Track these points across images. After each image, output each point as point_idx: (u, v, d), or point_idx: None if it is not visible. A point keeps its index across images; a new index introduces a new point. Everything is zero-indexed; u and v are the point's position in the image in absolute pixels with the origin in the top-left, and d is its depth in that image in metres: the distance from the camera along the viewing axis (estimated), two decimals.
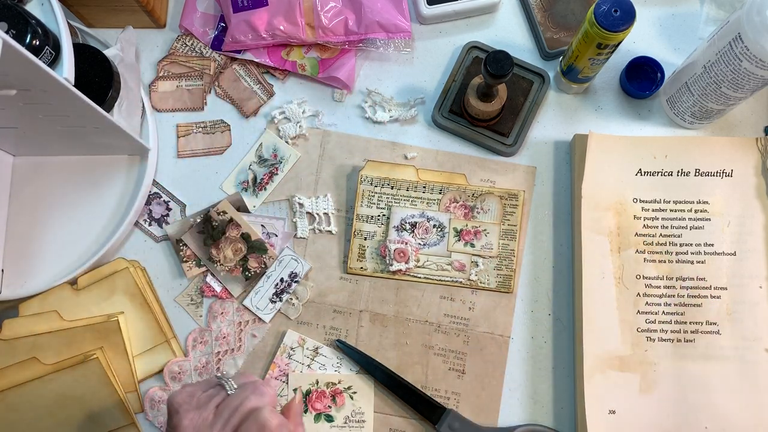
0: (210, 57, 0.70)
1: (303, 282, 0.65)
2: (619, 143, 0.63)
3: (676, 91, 0.63)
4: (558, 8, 0.68)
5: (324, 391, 0.63)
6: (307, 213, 0.66)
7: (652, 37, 0.69)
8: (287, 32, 0.66)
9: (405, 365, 0.64)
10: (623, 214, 0.63)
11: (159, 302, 0.65)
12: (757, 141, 0.63)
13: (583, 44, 0.58)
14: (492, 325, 0.64)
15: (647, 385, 0.59)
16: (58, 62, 0.54)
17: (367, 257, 0.65)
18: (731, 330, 0.60)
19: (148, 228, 0.67)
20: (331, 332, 0.65)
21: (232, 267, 0.65)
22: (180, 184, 0.68)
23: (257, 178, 0.68)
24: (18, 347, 0.61)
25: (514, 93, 0.66)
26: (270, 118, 0.69)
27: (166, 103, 0.69)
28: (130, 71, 0.64)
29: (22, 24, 0.51)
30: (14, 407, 0.60)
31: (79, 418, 0.61)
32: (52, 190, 0.66)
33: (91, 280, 0.64)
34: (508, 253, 0.64)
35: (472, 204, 0.65)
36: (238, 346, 0.64)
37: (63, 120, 0.56)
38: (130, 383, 0.63)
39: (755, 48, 0.51)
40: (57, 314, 0.62)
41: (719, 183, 0.63)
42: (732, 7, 0.68)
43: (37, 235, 0.65)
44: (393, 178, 0.66)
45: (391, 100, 0.69)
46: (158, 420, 0.63)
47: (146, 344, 0.64)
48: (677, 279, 0.61)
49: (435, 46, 0.70)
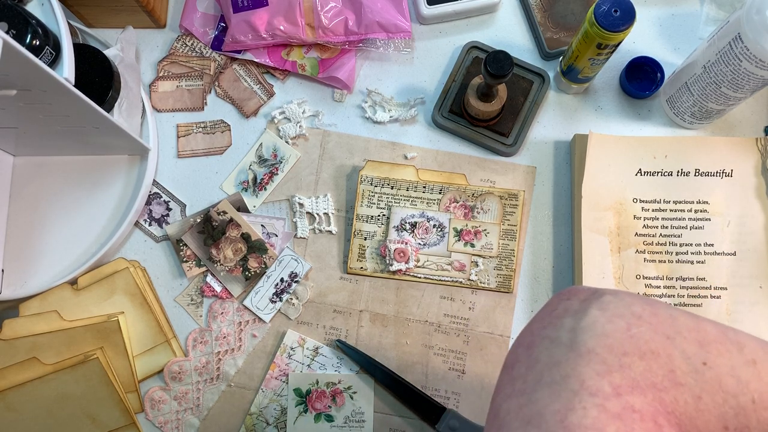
0: (210, 57, 0.70)
1: (303, 282, 0.65)
2: (619, 143, 0.64)
3: (676, 91, 0.63)
4: (558, 8, 0.68)
5: (324, 391, 0.63)
6: (307, 213, 0.66)
7: (652, 37, 0.69)
8: (287, 32, 0.66)
9: (405, 365, 0.64)
10: (623, 214, 0.63)
11: (159, 302, 0.65)
12: (757, 141, 0.63)
13: (583, 44, 0.58)
14: (492, 325, 0.64)
15: None
16: (58, 62, 0.54)
17: (367, 257, 0.65)
18: None
19: (148, 228, 0.67)
20: (331, 332, 0.65)
21: (232, 267, 0.65)
22: (180, 184, 0.68)
23: (257, 178, 0.68)
24: (18, 347, 0.61)
25: (514, 93, 0.66)
26: (270, 118, 0.69)
27: (166, 103, 0.69)
28: (130, 71, 0.64)
29: (22, 24, 0.51)
30: (14, 407, 0.60)
31: (79, 418, 0.61)
32: (52, 190, 0.66)
33: (91, 280, 0.64)
34: (508, 253, 0.65)
35: (472, 204, 0.65)
36: (238, 346, 0.64)
37: (63, 120, 0.56)
38: (130, 383, 0.63)
39: (755, 48, 0.51)
40: (57, 314, 0.62)
41: (719, 183, 0.63)
42: (732, 7, 0.68)
43: (37, 235, 0.65)
44: (393, 178, 0.66)
45: (391, 100, 0.69)
46: (158, 420, 0.63)
47: (146, 344, 0.64)
48: (677, 279, 0.61)
49: (435, 46, 0.70)
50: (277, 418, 0.63)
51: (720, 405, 0.33)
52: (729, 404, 0.33)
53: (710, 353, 0.34)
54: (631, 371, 0.33)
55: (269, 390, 0.63)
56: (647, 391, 0.32)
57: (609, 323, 0.35)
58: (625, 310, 0.35)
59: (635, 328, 0.34)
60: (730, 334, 0.35)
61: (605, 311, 0.35)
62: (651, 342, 0.34)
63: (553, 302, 0.39)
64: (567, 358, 0.34)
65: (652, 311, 0.35)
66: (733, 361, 0.34)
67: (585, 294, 0.38)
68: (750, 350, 0.35)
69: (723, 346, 0.34)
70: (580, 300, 0.37)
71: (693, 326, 0.35)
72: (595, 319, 0.35)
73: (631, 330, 0.34)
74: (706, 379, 0.33)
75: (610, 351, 0.33)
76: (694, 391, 0.33)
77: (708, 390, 0.33)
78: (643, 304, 0.36)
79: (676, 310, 0.36)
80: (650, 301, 0.36)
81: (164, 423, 0.63)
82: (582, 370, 0.33)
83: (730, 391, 0.33)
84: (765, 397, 0.33)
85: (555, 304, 0.39)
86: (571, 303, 0.37)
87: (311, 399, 0.63)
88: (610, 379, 0.32)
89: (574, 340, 0.34)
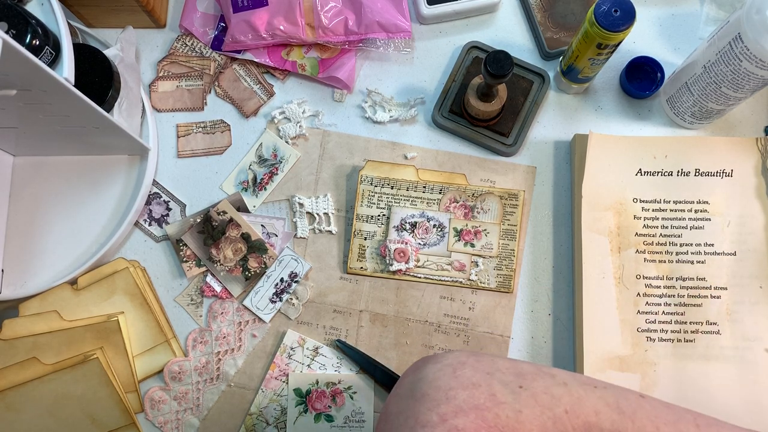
0: (210, 57, 0.70)
1: (303, 282, 0.65)
2: (619, 143, 0.63)
3: (676, 91, 0.63)
4: (558, 8, 0.68)
5: (324, 391, 0.63)
6: (307, 213, 0.66)
7: (652, 37, 0.69)
8: (287, 32, 0.66)
9: (405, 365, 0.63)
10: (623, 214, 0.63)
11: (159, 302, 0.65)
12: (757, 141, 0.63)
13: (583, 44, 0.58)
14: (492, 325, 0.64)
15: (647, 385, 0.59)
16: (58, 62, 0.54)
17: (367, 257, 0.65)
18: (731, 330, 0.60)
19: (148, 228, 0.67)
20: (331, 332, 0.65)
21: (232, 267, 0.65)
22: (180, 184, 0.68)
23: (257, 178, 0.68)
24: (18, 347, 0.61)
25: (514, 93, 0.66)
26: (270, 118, 0.69)
27: (166, 103, 0.69)
28: (130, 71, 0.64)
29: (22, 24, 0.51)
30: (14, 407, 0.60)
31: (79, 418, 0.61)
32: (52, 190, 0.66)
33: (91, 280, 0.64)
34: (508, 253, 0.64)
35: (472, 204, 0.65)
36: (238, 346, 0.64)
37: (63, 120, 0.56)
38: (130, 383, 0.63)
39: (755, 48, 0.51)
40: (57, 314, 0.62)
41: (719, 183, 0.63)
42: (732, 7, 0.68)
43: (37, 235, 0.65)
44: (393, 178, 0.66)
45: (391, 100, 0.69)
46: (158, 420, 0.63)
47: (146, 344, 0.64)
48: (677, 279, 0.61)
49: (435, 46, 0.70)
50: (277, 418, 0.63)
51: (539, 416, 0.39)
52: (546, 415, 0.39)
53: (526, 379, 0.41)
54: (456, 400, 0.39)
55: (269, 390, 0.63)
56: (470, 413, 0.39)
57: (439, 371, 0.42)
58: (453, 360, 0.43)
59: (459, 371, 0.42)
60: (543, 369, 0.42)
61: (437, 363, 0.43)
62: (473, 377, 0.41)
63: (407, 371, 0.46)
64: (407, 405, 0.41)
65: (476, 358, 0.43)
66: (546, 383, 0.41)
67: (426, 358, 0.45)
68: (561, 377, 0.42)
69: (538, 375, 0.41)
70: (423, 361, 0.45)
71: (510, 365, 0.42)
72: (428, 371, 0.42)
73: (456, 372, 0.42)
74: (523, 398, 0.40)
75: (438, 390, 0.40)
76: (515, 407, 0.39)
77: (526, 405, 0.39)
78: (468, 355, 0.43)
79: (498, 357, 0.44)
80: (477, 353, 0.44)
81: (164, 423, 0.63)
82: (417, 409, 0.40)
83: (546, 405, 0.40)
84: (576, 408, 0.40)
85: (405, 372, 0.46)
86: (416, 364, 0.45)
87: (311, 399, 0.63)
88: (437, 411, 0.39)
89: (412, 390, 0.42)
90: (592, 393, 0.41)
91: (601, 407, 0.40)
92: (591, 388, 0.41)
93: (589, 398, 0.40)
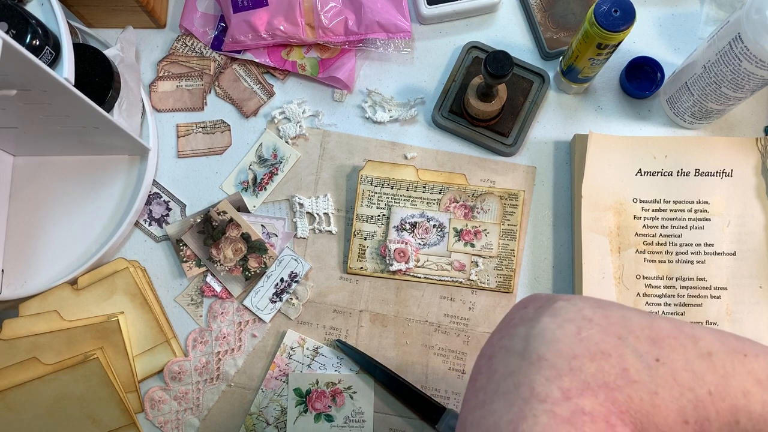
0: (210, 57, 0.70)
1: (303, 282, 0.65)
2: (619, 143, 0.64)
3: (676, 91, 0.63)
4: (558, 8, 0.68)
5: (324, 391, 0.63)
6: (307, 213, 0.66)
7: (652, 37, 0.69)
8: (287, 32, 0.66)
9: (405, 365, 0.64)
10: (623, 214, 0.63)
11: (159, 302, 0.65)
12: (757, 141, 0.63)
13: (583, 44, 0.58)
14: (492, 325, 0.64)
15: None
16: (58, 62, 0.54)
17: (367, 257, 0.65)
18: (731, 330, 0.60)
19: (148, 228, 0.67)
20: (331, 332, 0.65)
21: (232, 267, 0.65)
22: (180, 184, 0.68)
23: (257, 178, 0.68)
24: (18, 347, 0.61)
25: (514, 93, 0.66)
26: (270, 118, 0.69)
27: (166, 103, 0.69)
28: (130, 71, 0.64)
29: (22, 24, 0.51)
30: (14, 407, 0.60)
31: (79, 418, 0.61)
32: (52, 190, 0.66)
33: (91, 280, 0.64)
34: (508, 253, 0.65)
35: (472, 204, 0.65)
36: (238, 346, 0.64)
37: (63, 120, 0.56)
38: (130, 383, 0.63)
39: (755, 48, 0.51)
40: (57, 314, 0.62)
41: (719, 183, 0.63)
42: (732, 7, 0.68)
43: (37, 235, 0.65)
44: (393, 178, 0.66)
45: (391, 100, 0.69)
46: (158, 420, 0.63)
47: (146, 344, 0.64)
48: (677, 279, 0.61)
49: (435, 46, 0.70)
50: (277, 418, 0.63)
51: (677, 399, 0.33)
52: (686, 397, 0.33)
53: (663, 349, 0.34)
54: (581, 374, 0.33)
55: (269, 390, 0.63)
56: (598, 392, 0.32)
57: (559, 329, 0.35)
58: (576, 315, 0.36)
59: (585, 331, 0.35)
60: (685, 329, 0.35)
61: (556, 317, 0.36)
62: (602, 343, 0.34)
63: (512, 312, 0.39)
64: (519, 367, 0.34)
65: (604, 314, 0.36)
66: (687, 355, 0.34)
67: (540, 302, 0.38)
68: (705, 343, 0.35)
69: (677, 341, 0.35)
70: (535, 308, 0.38)
71: (646, 324, 0.35)
72: (545, 326, 0.35)
73: (581, 333, 0.35)
74: (660, 375, 0.33)
75: (560, 356, 0.34)
76: (650, 387, 0.33)
77: (663, 385, 0.33)
78: (594, 308, 0.36)
79: (630, 310, 0.36)
80: (603, 303, 0.37)
81: (164, 423, 0.63)
82: (533, 377, 0.33)
83: (686, 385, 0.33)
84: (721, 389, 0.33)
85: (513, 313, 0.39)
86: (527, 311, 0.38)
87: (311, 399, 0.63)
88: (559, 384, 0.33)
89: (526, 348, 0.35)
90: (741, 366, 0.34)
91: (750, 386, 0.33)
92: (740, 357, 0.34)
93: (737, 374, 0.34)
